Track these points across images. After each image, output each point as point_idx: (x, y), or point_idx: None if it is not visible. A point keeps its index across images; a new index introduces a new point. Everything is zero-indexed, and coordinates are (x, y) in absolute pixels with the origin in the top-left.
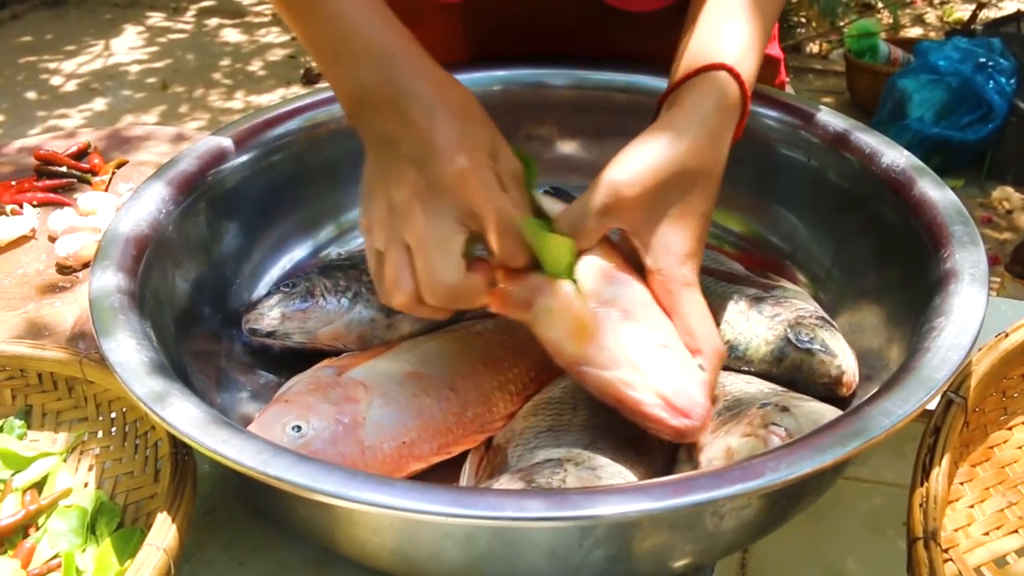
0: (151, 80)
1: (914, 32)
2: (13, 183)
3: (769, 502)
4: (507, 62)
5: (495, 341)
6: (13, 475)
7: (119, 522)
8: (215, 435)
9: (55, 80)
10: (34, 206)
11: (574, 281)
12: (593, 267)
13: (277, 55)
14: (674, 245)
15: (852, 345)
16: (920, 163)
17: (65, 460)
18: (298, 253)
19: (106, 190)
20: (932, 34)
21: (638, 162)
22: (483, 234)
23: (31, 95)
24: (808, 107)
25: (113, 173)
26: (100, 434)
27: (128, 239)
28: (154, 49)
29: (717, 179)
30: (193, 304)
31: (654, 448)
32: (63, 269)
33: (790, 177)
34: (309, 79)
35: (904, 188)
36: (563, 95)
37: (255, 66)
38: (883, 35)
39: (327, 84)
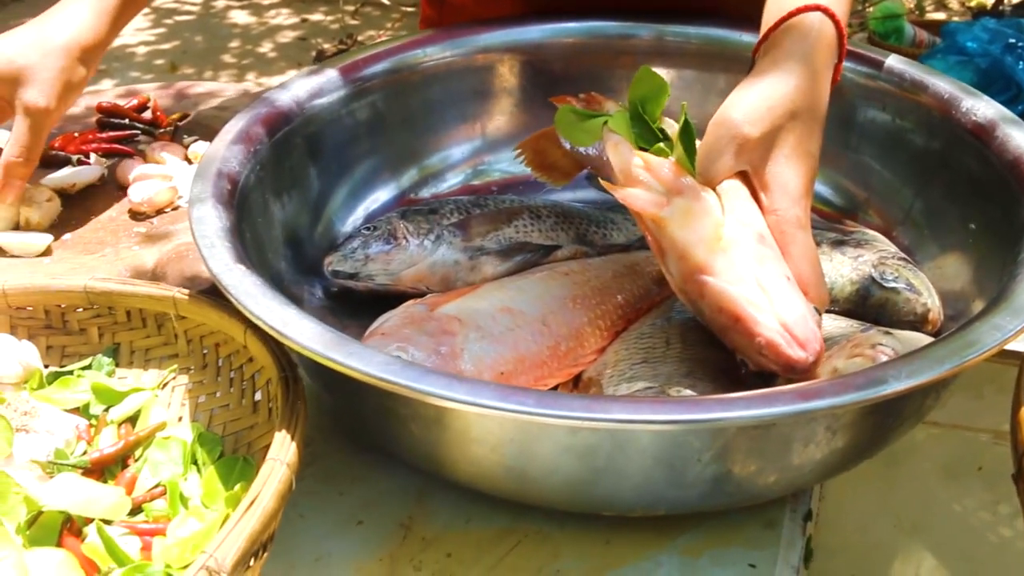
0: (159, 62)
1: (936, 16)
2: (76, 134)
3: (872, 422)
4: (581, 15)
5: (582, 279)
6: (106, 409)
7: (220, 452)
8: (342, 349)
9: None
10: (100, 156)
11: (689, 150)
12: (733, 188)
13: (287, 37)
14: (789, 185)
15: (934, 286)
16: (1000, 107)
17: (156, 396)
18: (382, 195)
19: (170, 141)
20: (955, 18)
21: (754, 102)
22: None
23: None
24: (880, 55)
25: (176, 126)
26: (192, 369)
27: (222, 174)
28: (161, 31)
29: (822, 119)
30: (278, 244)
31: (749, 379)
32: (136, 215)
33: (866, 125)
34: (321, 61)
35: (986, 132)
36: (642, 45)
37: (265, 48)
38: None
39: None
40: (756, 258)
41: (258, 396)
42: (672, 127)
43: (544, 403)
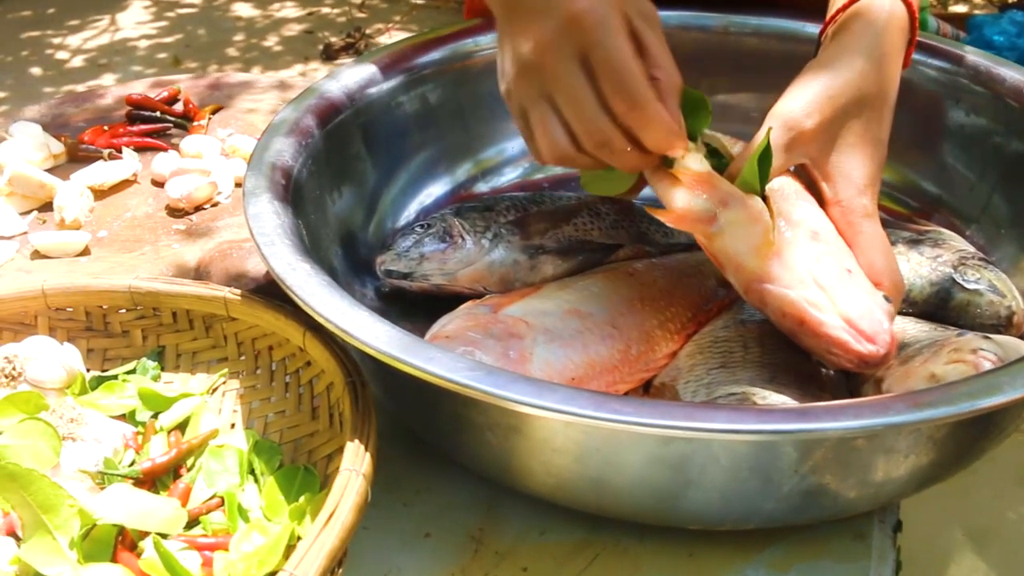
0: (162, 56)
1: (959, 9)
2: (106, 128)
3: (972, 432)
4: None
5: (648, 280)
6: (154, 416)
7: (279, 461)
8: (422, 354)
9: (61, 55)
10: (133, 150)
11: (765, 198)
12: (781, 188)
13: (293, 30)
14: (854, 174)
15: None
16: None
17: (206, 402)
18: (436, 190)
19: (204, 134)
20: (977, 11)
21: (814, 91)
22: (600, 85)
23: (36, 71)
24: (957, 49)
25: (209, 118)
26: (243, 373)
27: (275, 167)
28: (163, 24)
29: (891, 105)
30: (331, 241)
31: (834, 385)
32: (174, 211)
33: (940, 120)
34: (329, 55)
35: None
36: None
37: (270, 41)
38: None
39: (343, 61)
40: (811, 257)
41: (317, 402)
42: (726, 141)
43: (644, 412)
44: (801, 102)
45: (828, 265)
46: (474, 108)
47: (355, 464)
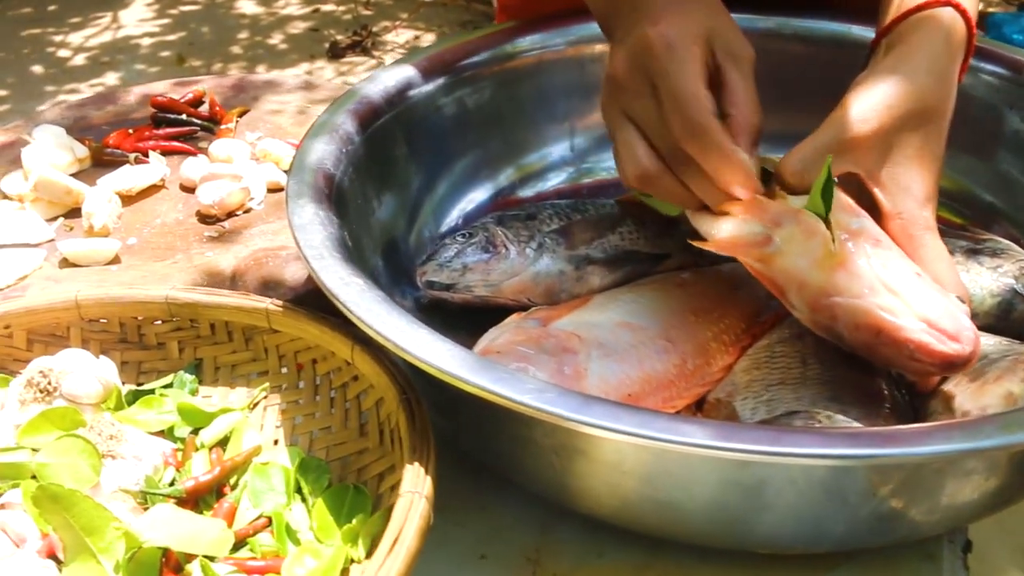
0: (165, 54)
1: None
2: (130, 131)
3: None
4: None
5: (699, 291)
6: (193, 432)
7: (328, 480)
8: (489, 374)
9: (62, 53)
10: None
11: (826, 214)
12: (836, 199)
13: (298, 28)
14: (914, 187)
15: None
16: None
17: (247, 417)
18: (478, 196)
19: (233, 137)
20: (991, 9)
21: (872, 100)
22: (665, 116)
23: (38, 69)
24: (1011, 53)
25: (236, 121)
26: (285, 388)
27: (318, 174)
28: (165, 21)
29: (947, 120)
30: (373, 249)
31: (900, 403)
32: (206, 218)
33: (1000, 129)
34: (335, 53)
35: None
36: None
37: (275, 39)
38: None
39: (349, 60)
40: (877, 263)
41: (365, 418)
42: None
43: (723, 436)
44: (859, 109)
45: (897, 269)
46: (516, 112)
47: (416, 486)
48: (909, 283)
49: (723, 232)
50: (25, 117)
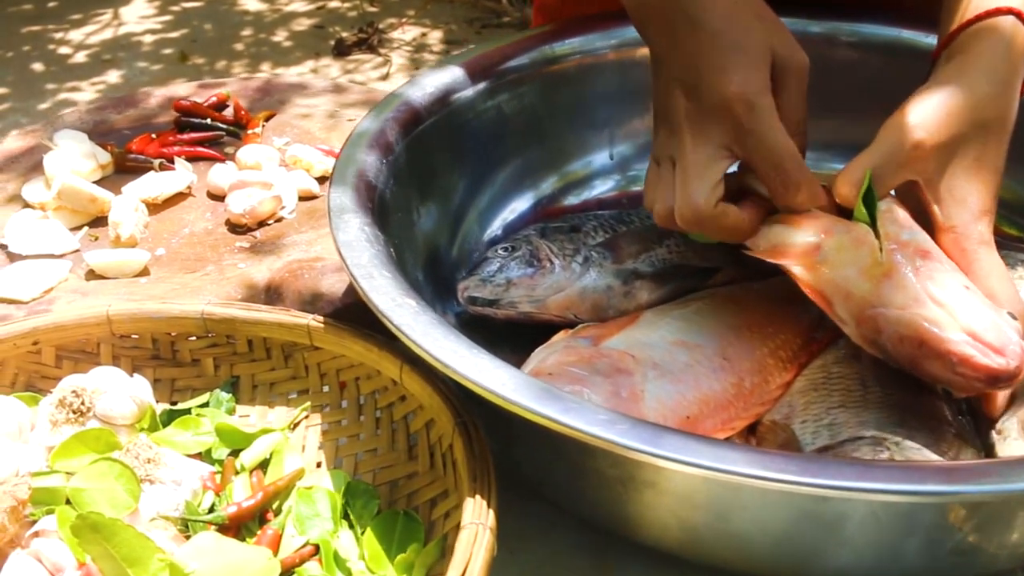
0: (168, 51)
1: None
2: (154, 136)
3: None
4: None
5: (752, 306)
6: (231, 454)
7: (377, 506)
8: (556, 404)
9: (63, 50)
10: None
11: (870, 215)
12: (888, 211)
13: (302, 24)
14: (970, 200)
15: None
16: None
17: (287, 438)
18: (520, 205)
19: (260, 142)
20: None
21: (933, 109)
22: (750, 164)
23: (38, 66)
24: None
25: (263, 125)
26: (327, 407)
27: (360, 186)
28: (168, 18)
29: (1009, 132)
30: (415, 263)
31: (965, 427)
32: (236, 227)
33: None
34: (341, 51)
35: None
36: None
37: (279, 36)
38: None
39: (355, 58)
40: (924, 274)
41: (414, 440)
42: None
43: (810, 471)
44: (919, 117)
45: (944, 281)
46: (557, 118)
47: (479, 517)
48: (956, 296)
49: (772, 239)
50: (26, 116)
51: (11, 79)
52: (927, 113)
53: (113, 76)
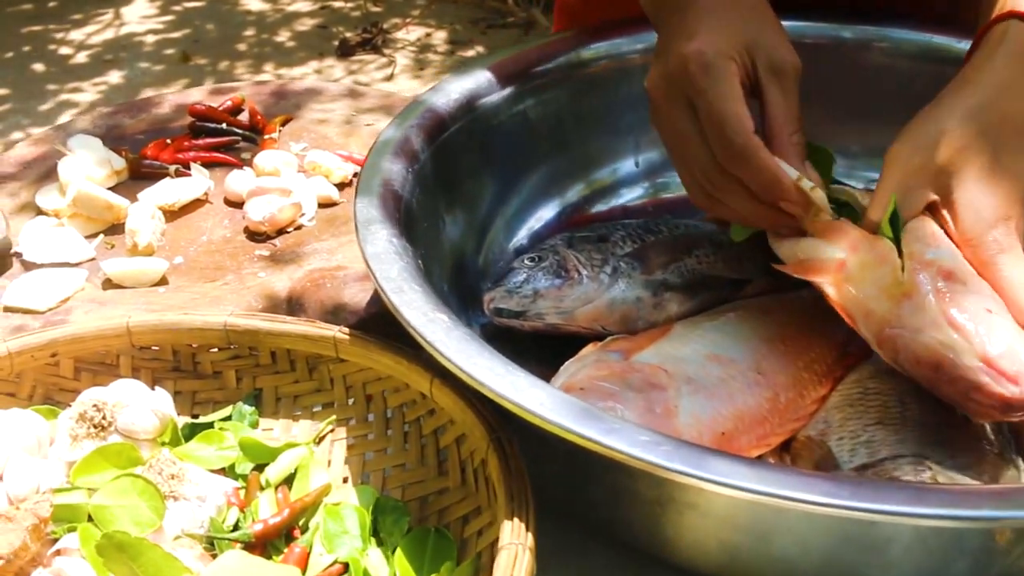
0: (169, 51)
1: None
2: (168, 141)
3: None
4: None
5: (785, 318)
6: (255, 468)
7: (408, 523)
8: (598, 425)
9: (64, 51)
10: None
11: (895, 239)
12: (914, 229)
13: (306, 24)
14: (984, 208)
15: None
16: None
17: (312, 452)
18: (546, 213)
19: (277, 148)
20: None
21: (941, 118)
22: (704, 122)
23: (39, 67)
24: None
25: (280, 130)
26: (353, 421)
27: (387, 196)
28: (169, 18)
29: None
30: (441, 273)
31: (1006, 446)
32: (255, 235)
33: None
34: (345, 51)
35: None
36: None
37: (283, 37)
38: None
39: (359, 58)
40: (944, 296)
41: (444, 455)
42: (857, 194)
43: (862, 495)
44: (922, 137)
45: (963, 304)
46: (583, 124)
47: (518, 537)
48: (975, 320)
49: (800, 253)
50: (27, 117)
51: (11, 80)
52: (933, 127)
53: (115, 77)
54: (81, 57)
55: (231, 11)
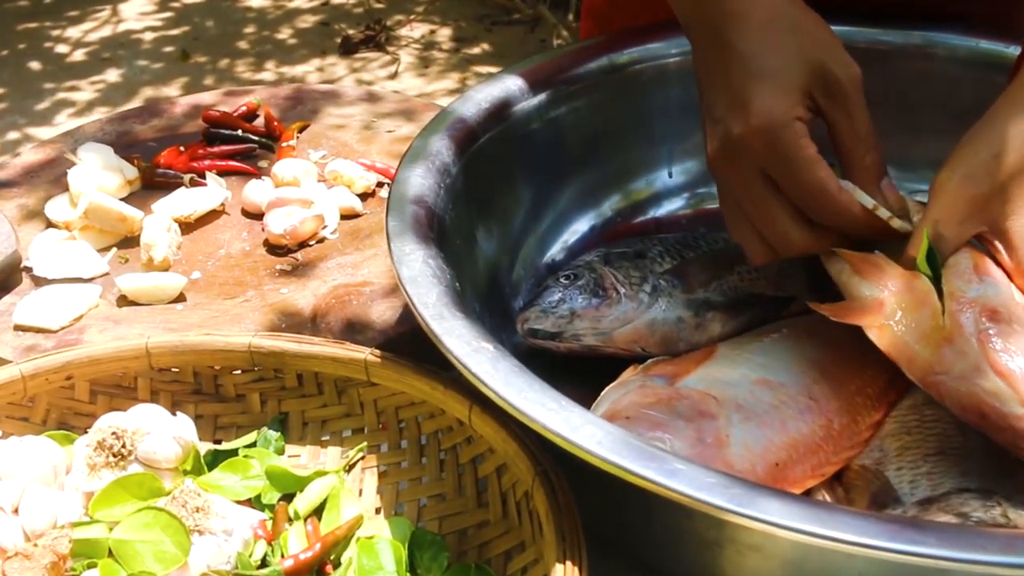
0: (168, 49)
1: None
2: (182, 148)
3: None
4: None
5: (834, 339)
6: (282, 499)
7: (447, 559)
8: (658, 465)
9: (60, 48)
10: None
11: (936, 278)
12: (956, 264)
13: (307, 21)
14: None
15: None
16: None
17: (343, 481)
18: (581, 226)
19: (294, 156)
20: None
21: (987, 145)
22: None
23: (35, 65)
24: None
25: (297, 137)
26: (385, 448)
27: (420, 214)
28: (168, 15)
29: None
30: (474, 292)
31: None
32: (275, 249)
33: None
34: (348, 49)
35: None
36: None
37: (284, 34)
38: None
39: (363, 56)
40: (987, 339)
41: (483, 486)
42: (911, 205)
43: (951, 542)
44: (970, 164)
45: (1008, 347)
46: (619, 132)
47: None
48: (1020, 363)
49: (839, 275)
50: (24, 117)
51: (7, 79)
52: (978, 155)
53: (113, 75)
54: (78, 55)
55: (231, 8)
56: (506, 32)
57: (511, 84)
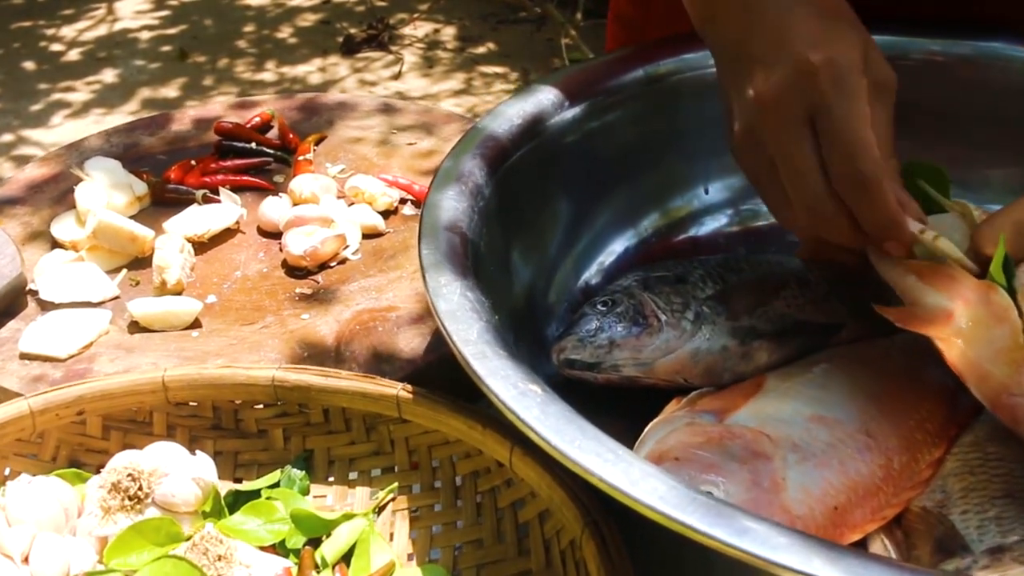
0: (166, 48)
1: None
2: (193, 163)
3: None
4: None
5: (888, 369)
6: (308, 543)
7: None
8: (727, 524)
9: (55, 47)
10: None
11: (1012, 288)
12: None
13: (308, 20)
14: None
15: None
16: None
17: (372, 524)
18: (618, 246)
19: (312, 170)
20: None
21: None
22: (822, 152)
23: (29, 64)
24: None
25: (314, 150)
26: (417, 489)
27: (454, 242)
28: (165, 13)
29: None
30: (509, 321)
31: None
32: (294, 270)
33: None
34: (350, 48)
35: None
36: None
37: (284, 33)
38: None
39: (365, 55)
40: None
41: (524, 531)
42: (975, 212)
43: None
44: None
45: None
46: (656, 146)
47: None
48: None
49: (900, 282)
50: (18, 118)
51: (1, 78)
52: None
53: (109, 75)
54: (73, 55)
55: (230, 6)
56: (512, 31)
57: (543, 97)
